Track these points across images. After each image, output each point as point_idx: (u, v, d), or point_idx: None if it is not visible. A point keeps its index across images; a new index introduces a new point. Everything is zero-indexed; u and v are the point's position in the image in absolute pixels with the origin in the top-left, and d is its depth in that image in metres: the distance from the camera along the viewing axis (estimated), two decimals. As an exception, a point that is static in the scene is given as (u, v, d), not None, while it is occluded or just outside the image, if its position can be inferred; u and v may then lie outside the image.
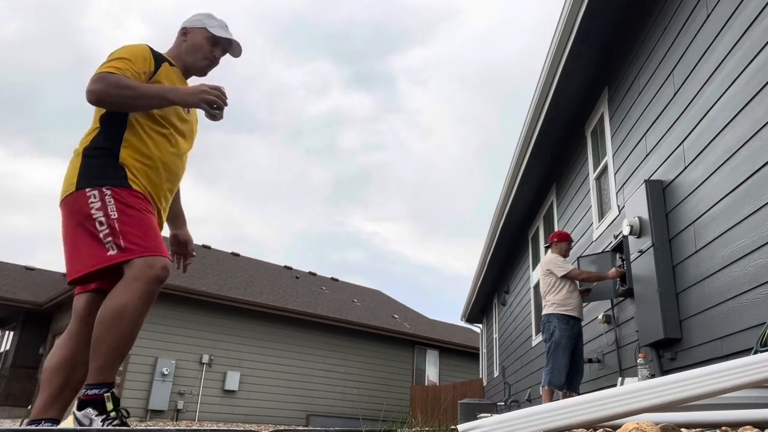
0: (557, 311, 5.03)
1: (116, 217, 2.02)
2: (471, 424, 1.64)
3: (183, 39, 2.49)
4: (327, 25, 58.71)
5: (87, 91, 2.07)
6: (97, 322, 1.93)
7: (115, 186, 2.08)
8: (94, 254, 1.98)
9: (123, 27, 49.77)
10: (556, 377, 4.84)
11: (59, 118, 56.67)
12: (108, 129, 2.18)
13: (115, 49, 2.26)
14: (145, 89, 2.12)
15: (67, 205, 2.07)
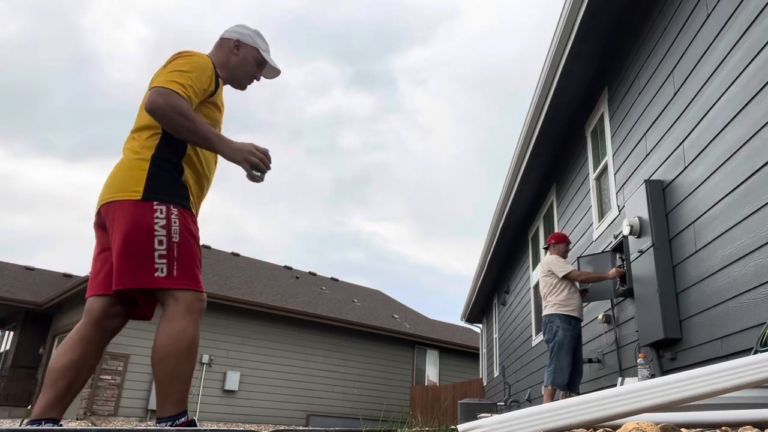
0: (559, 311, 5.04)
1: (177, 241, 2.03)
2: (471, 424, 1.64)
3: (235, 52, 2.47)
4: (327, 25, 58.69)
5: (150, 101, 2.04)
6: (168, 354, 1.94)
7: (182, 207, 2.08)
8: (142, 271, 1.96)
9: (123, 27, 49.76)
10: (559, 377, 4.86)
11: (60, 118, 56.67)
12: (171, 139, 2.14)
13: (182, 52, 2.23)
14: (200, 127, 2.09)
15: (126, 211, 2.01)
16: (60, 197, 61.24)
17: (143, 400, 13.34)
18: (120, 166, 2.12)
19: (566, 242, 5.42)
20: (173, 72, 2.11)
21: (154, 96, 2.03)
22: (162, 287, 1.98)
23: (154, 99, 2.02)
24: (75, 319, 15.15)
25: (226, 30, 2.54)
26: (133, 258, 1.96)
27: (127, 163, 2.10)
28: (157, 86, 2.06)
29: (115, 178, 2.09)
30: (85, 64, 49.24)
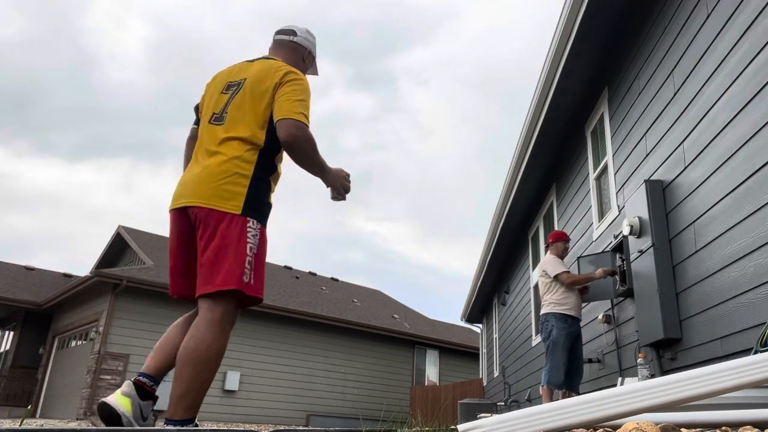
0: (554, 310, 5.03)
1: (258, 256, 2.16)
2: (471, 424, 1.64)
3: (305, 62, 2.59)
4: (328, 25, 58.68)
5: (289, 134, 2.17)
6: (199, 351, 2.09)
7: (264, 226, 2.22)
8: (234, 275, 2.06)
9: (124, 27, 49.76)
10: (554, 376, 4.84)
11: (60, 118, 56.66)
12: (267, 158, 2.26)
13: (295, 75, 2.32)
14: (320, 159, 2.29)
15: (225, 222, 2.11)
16: (60, 197, 61.23)
17: (143, 400, 13.33)
18: (219, 173, 2.17)
19: (564, 240, 5.41)
20: (297, 101, 2.24)
21: (293, 129, 2.17)
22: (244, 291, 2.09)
23: (294, 133, 2.18)
24: (75, 319, 15.16)
25: (300, 33, 2.59)
26: (227, 264, 2.07)
27: (227, 174, 2.17)
28: (292, 119, 2.18)
29: (215, 186, 2.15)
30: (86, 64, 49.23)
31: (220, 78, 2.46)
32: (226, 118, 2.28)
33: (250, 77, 2.32)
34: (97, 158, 61.62)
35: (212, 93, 2.42)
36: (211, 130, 2.28)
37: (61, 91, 55.59)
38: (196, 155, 2.31)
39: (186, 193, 2.18)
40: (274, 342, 15.79)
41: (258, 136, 2.23)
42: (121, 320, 13.50)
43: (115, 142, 58.85)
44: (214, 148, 2.22)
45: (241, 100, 2.28)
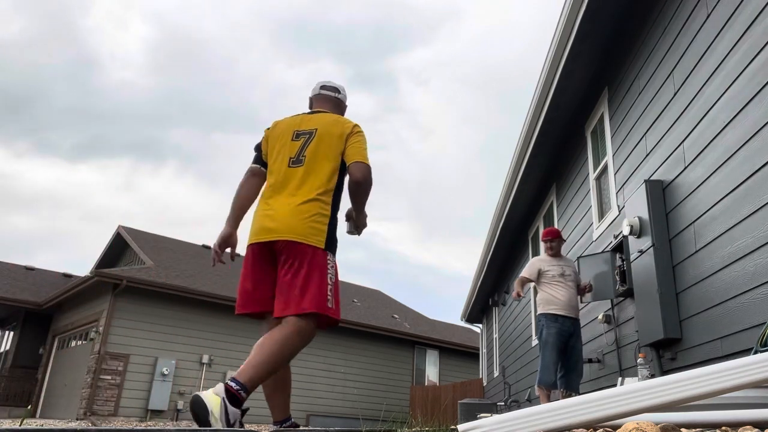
0: (543, 310, 5.02)
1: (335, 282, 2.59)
2: (471, 424, 1.64)
3: (342, 114, 3.04)
4: (329, 25, 58.68)
5: (363, 176, 2.60)
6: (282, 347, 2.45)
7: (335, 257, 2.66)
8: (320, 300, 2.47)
9: (125, 27, 49.76)
10: (545, 375, 4.80)
11: (61, 118, 56.65)
12: (336, 199, 2.69)
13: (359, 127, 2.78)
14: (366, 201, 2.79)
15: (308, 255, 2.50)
16: (60, 197, 61.23)
17: (143, 400, 13.34)
18: (306, 212, 2.55)
19: (545, 239, 5.27)
20: (364, 150, 2.70)
21: (366, 171, 2.62)
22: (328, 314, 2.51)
23: (366, 174, 2.62)
24: (75, 319, 15.16)
25: (342, 91, 3.13)
26: (313, 288, 2.46)
27: (313, 213, 2.56)
28: (365, 163, 2.64)
29: (302, 223, 2.52)
30: (86, 64, 49.23)
31: (284, 126, 2.83)
32: (304, 161, 2.66)
33: (320, 127, 2.74)
34: (97, 158, 61.64)
35: (280, 139, 2.78)
36: (292, 172, 2.66)
37: (61, 91, 55.59)
38: (274, 193, 2.66)
39: (278, 229, 2.53)
40: (274, 342, 15.77)
41: (333, 180, 2.66)
42: (121, 320, 13.50)
43: (115, 142, 58.88)
44: (298, 189, 2.61)
45: (316, 146, 2.68)
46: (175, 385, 13.85)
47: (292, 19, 60.94)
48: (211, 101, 57.11)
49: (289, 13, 60.96)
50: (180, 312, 14.35)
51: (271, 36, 67.92)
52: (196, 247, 19.27)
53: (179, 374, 13.98)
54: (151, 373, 13.55)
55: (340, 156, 2.68)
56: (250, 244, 2.63)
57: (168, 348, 13.97)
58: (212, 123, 62.09)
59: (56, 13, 50.70)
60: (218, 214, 71.22)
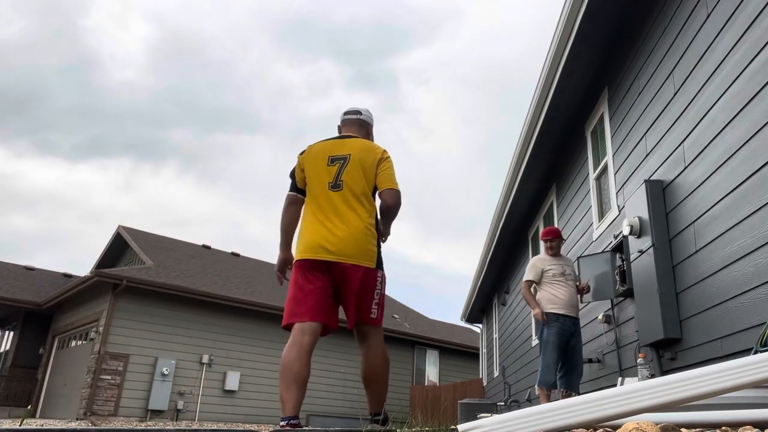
0: (544, 309, 4.99)
1: (382, 296, 3.03)
2: (471, 424, 1.64)
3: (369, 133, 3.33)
4: (329, 25, 58.72)
5: (396, 200, 3.00)
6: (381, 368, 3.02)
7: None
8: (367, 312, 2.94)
9: (125, 27, 49.77)
10: (545, 375, 4.78)
11: (61, 118, 56.66)
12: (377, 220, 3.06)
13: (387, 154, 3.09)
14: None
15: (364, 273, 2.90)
16: (61, 197, 61.23)
17: (143, 400, 13.34)
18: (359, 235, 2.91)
19: (550, 239, 5.22)
20: (394, 175, 3.06)
21: (398, 197, 3.01)
22: (375, 325, 2.99)
23: (398, 199, 3.01)
24: (75, 319, 15.16)
25: (364, 112, 3.34)
26: (367, 304, 2.93)
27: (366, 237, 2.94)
28: (397, 189, 3.02)
29: (360, 248, 2.90)
30: (87, 64, 49.24)
31: (318, 152, 3.09)
32: (342, 185, 2.97)
33: (354, 153, 3.03)
34: (97, 158, 61.64)
35: (315, 164, 3.06)
36: (334, 196, 2.97)
37: (62, 92, 55.59)
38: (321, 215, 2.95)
39: (337, 252, 2.86)
40: (274, 342, 15.78)
41: (373, 204, 3.04)
42: (121, 320, 13.50)
43: (115, 142, 58.88)
44: (345, 213, 2.93)
45: (353, 171, 2.98)
46: (175, 385, 13.85)
47: (293, 19, 60.96)
48: (212, 101, 57.13)
49: (289, 13, 60.99)
50: (180, 312, 14.35)
51: (272, 36, 67.95)
52: (196, 247, 19.27)
53: (179, 374, 13.98)
54: (151, 373, 13.55)
55: (373, 181, 3.02)
56: (305, 259, 2.91)
57: (168, 348, 13.97)
58: (213, 123, 62.11)
59: (56, 14, 50.71)
60: (219, 214, 71.25)
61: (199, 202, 68.80)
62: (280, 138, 74.40)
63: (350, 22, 66.82)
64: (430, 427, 3.41)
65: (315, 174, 3.03)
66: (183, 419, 13.73)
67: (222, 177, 67.01)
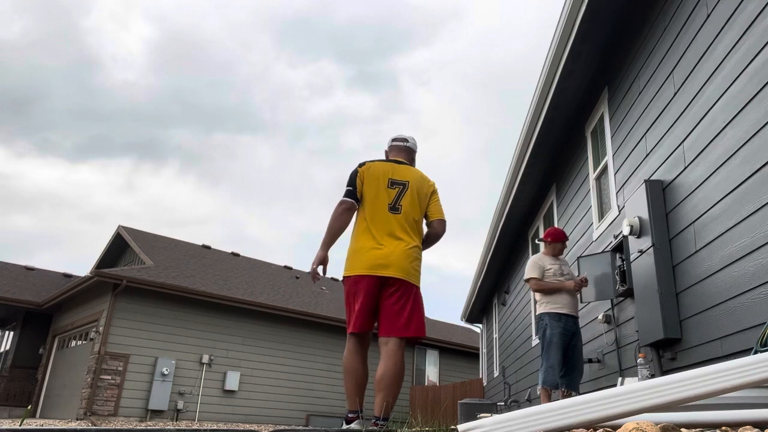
0: (546, 309, 4.96)
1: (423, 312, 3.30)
2: (471, 424, 1.64)
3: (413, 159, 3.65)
4: (330, 25, 58.74)
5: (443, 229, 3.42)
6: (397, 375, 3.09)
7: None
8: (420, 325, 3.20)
9: (126, 27, 49.78)
10: (549, 376, 4.77)
11: (62, 118, 56.67)
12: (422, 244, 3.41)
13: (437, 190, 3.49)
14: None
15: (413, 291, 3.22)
16: (61, 197, 61.25)
17: (143, 400, 13.34)
18: (411, 256, 3.23)
19: (563, 241, 5.26)
20: (442, 207, 3.44)
21: (445, 227, 3.43)
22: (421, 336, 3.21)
23: (445, 229, 3.43)
24: (75, 319, 15.16)
25: (411, 140, 3.64)
26: (419, 320, 3.20)
27: (415, 258, 3.26)
28: (445, 220, 3.43)
29: (410, 267, 3.22)
30: (88, 64, 49.26)
31: (379, 171, 3.36)
32: (401, 209, 3.28)
33: (411, 182, 3.36)
34: (98, 158, 61.64)
35: (376, 183, 3.33)
36: (392, 217, 3.26)
37: (62, 92, 55.60)
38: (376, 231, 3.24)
39: (391, 267, 3.16)
40: (274, 342, 15.78)
41: (422, 230, 3.38)
42: (121, 320, 13.50)
43: (116, 142, 58.86)
44: (402, 235, 3.24)
45: (411, 199, 3.31)
46: (175, 385, 13.85)
47: (294, 19, 60.96)
48: (213, 101, 57.13)
49: (290, 13, 60.98)
50: (180, 312, 14.35)
51: (273, 36, 67.93)
52: (196, 247, 19.27)
53: (179, 374, 13.98)
54: (151, 373, 13.55)
55: (425, 209, 3.39)
56: (363, 275, 3.17)
57: (168, 348, 13.97)
58: (213, 123, 62.11)
59: (57, 14, 50.72)
60: (219, 214, 71.29)
61: (199, 202, 68.81)
62: (280, 138, 74.41)
63: (351, 22, 66.82)
64: (430, 427, 3.41)
65: (375, 192, 3.30)
66: (183, 419, 13.73)
67: (222, 177, 67.02)
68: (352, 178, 3.35)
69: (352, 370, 3.12)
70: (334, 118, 66.51)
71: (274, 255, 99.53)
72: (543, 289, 5.00)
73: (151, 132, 62.38)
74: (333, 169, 75.33)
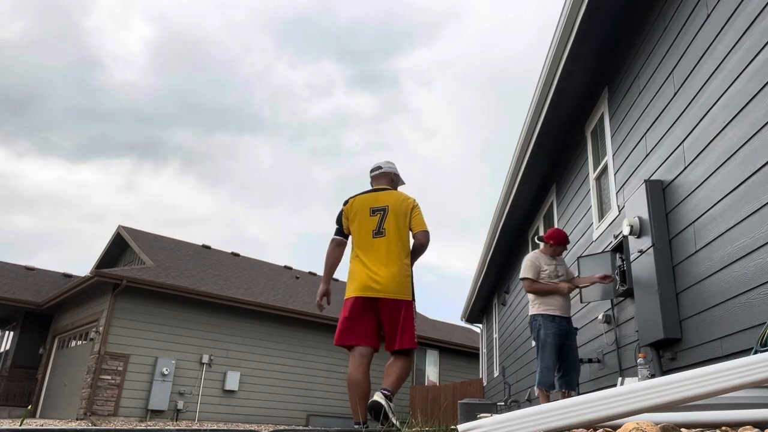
0: (539, 311, 4.92)
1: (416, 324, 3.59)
2: (471, 424, 1.64)
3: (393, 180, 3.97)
4: (331, 25, 58.76)
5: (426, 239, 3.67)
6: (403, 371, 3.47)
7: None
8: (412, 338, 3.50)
9: (127, 27, 49.79)
10: (545, 377, 4.76)
11: (62, 118, 56.67)
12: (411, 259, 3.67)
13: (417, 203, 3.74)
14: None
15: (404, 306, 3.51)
16: (61, 197, 61.26)
17: (143, 400, 13.34)
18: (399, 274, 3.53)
19: (564, 245, 5.20)
20: (423, 219, 3.70)
21: (428, 236, 3.68)
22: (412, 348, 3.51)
23: (428, 238, 3.68)
24: (75, 319, 15.16)
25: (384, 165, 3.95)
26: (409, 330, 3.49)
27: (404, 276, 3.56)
28: (427, 230, 3.67)
29: (399, 285, 3.51)
30: (88, 64, 49.26)
31: (360, 204, 3.71)
32: (385, 232, 3.59)
33: (390, 205, 3.66)
34: (98, 158, 61.61)
35: (359, 214, 3.67)
36: (378, 241, 3.58)
37: (63, 92, 55.59)
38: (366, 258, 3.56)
39: (383, 290, 3.47)
40: (274, 342, 15.78)
41: (408, 246, 3.64)
42: (121, 320, 13.50)
43: (116, 142, 58.86)
44: (386, 256, 3.54)
45: (393, 220, 3.62)
46: (175, 385, 13.85)
47: (294, 19, 60.95)
48: (213, 101, 57.13)
49: (290, 13, 60.96)
50: (180, 312, 14.35)
51: (273, 36, 67.93)
52: (196, 247, 19.27)
53: (179, 374, 13.98)
54: (151, 373, 13.55)
55: (408, 225, 3.65)
56: (356, 297, 3.50)
57: (168, 348, 13.98)
58: (214, 123, 62.09)
59: (57, 14, 50.72)
60: (219, 214, 71.24)
61: (199, 202, 68.80)
62: (281, 138, 74.43)
63: (352, 22, 66.82)
64: (430, 427, 3.42)
65: (360, 224, 3.65)
66: (183, 419, 13.74)
67: (223, 177, 67.01)
68: (338, 218, 3.77)
69: (353, 383, 3.42)
70: (334, 118, 66.52)
71: (274, 255, 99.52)
72: (537, 290, 4.96)
73: (152, 132, 62.39)
74: (333, 169, 75.34)
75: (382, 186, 3.85)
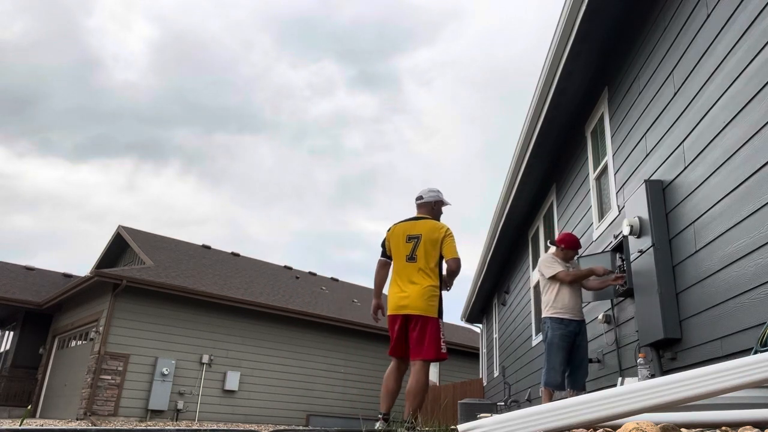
0: (549, 314, 4.89)
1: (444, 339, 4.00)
2: (471, 424, 1.64)
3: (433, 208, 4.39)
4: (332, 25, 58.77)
5: (457, 265, 4.09)
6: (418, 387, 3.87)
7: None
8: (430, 350, 3.89)
9: (128, 27, 49.78)
10: (552, 377, 4.77)
11: (63, 118, 56.67)
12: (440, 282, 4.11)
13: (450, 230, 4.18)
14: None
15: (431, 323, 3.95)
16: (61, 197, 61.25)
17: (143, 400, 13.34)
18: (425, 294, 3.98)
19: (576, 250, 5.14)
20: (455, 247, 4.11)
21: (459, 263, 4.10)
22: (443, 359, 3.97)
23: (460, 265, 4.11)
24: (75, 319, 15.17)
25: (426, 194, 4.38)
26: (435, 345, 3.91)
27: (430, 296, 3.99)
28: (458, 258, 4.09)
29: (425, 303, 3.97)
30: (89, 64, 49.26)
31: (399, 231, 4.21)
32: (417, 258, 4.07)
33: (424, 234, 4.11)
34: (99, 158, 61.58)
35: (398, 241, 4.18)
36: (409, 266, 4.08)
37: (63, 92, 55.58)
38: (400, 280, 4.09)
39: (408, 307, 3.98)
40: (274, 342, 15.78)
41: (437, 272, 4.07)
42: (121, 320, 13.50)
43: (117, 142, 58.82)
44: (415, 279, 4.03)
45: (424, 248, 4.07)
46: (175, 385, 13.85)
47: (295, 19, 60.95)
48: (214, 101, 57.10)
49: (291, 13, 60.95)
50: (180, 312, 14.35)
51: (274, 36, 67.91)
52: (196, 247, 19.27)
53: (179, 374, 13.98)
54: (151, 373, 13.56)
55: (439, 253, 4.07)
56: (390, 314, 4.09)
57: (168, 348, 13.98)
58: (214, 123, 62.07)
59: (58, 14, 50.72)
60: (219, 214, 71.28)
61: (199, 202, 68.79)
62: (281, 138, 74.40)
63: (352, 21, 66.77)
64: (430, 427, 3.42)
65: (396, 249, 4.17)
66: (183, 419, 13.74)
67: (223, 177, 66.97)
68: (382, 242, 4.32)
69: (384, 384, 4.03)
70: (335, 118, 66.48)
71: (274, 255, 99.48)
72: (576, 277, 4.88)
73: (152, 132, 62.37)
74: (334, 169, 75.33)
75: (422, 215, 4.31)
